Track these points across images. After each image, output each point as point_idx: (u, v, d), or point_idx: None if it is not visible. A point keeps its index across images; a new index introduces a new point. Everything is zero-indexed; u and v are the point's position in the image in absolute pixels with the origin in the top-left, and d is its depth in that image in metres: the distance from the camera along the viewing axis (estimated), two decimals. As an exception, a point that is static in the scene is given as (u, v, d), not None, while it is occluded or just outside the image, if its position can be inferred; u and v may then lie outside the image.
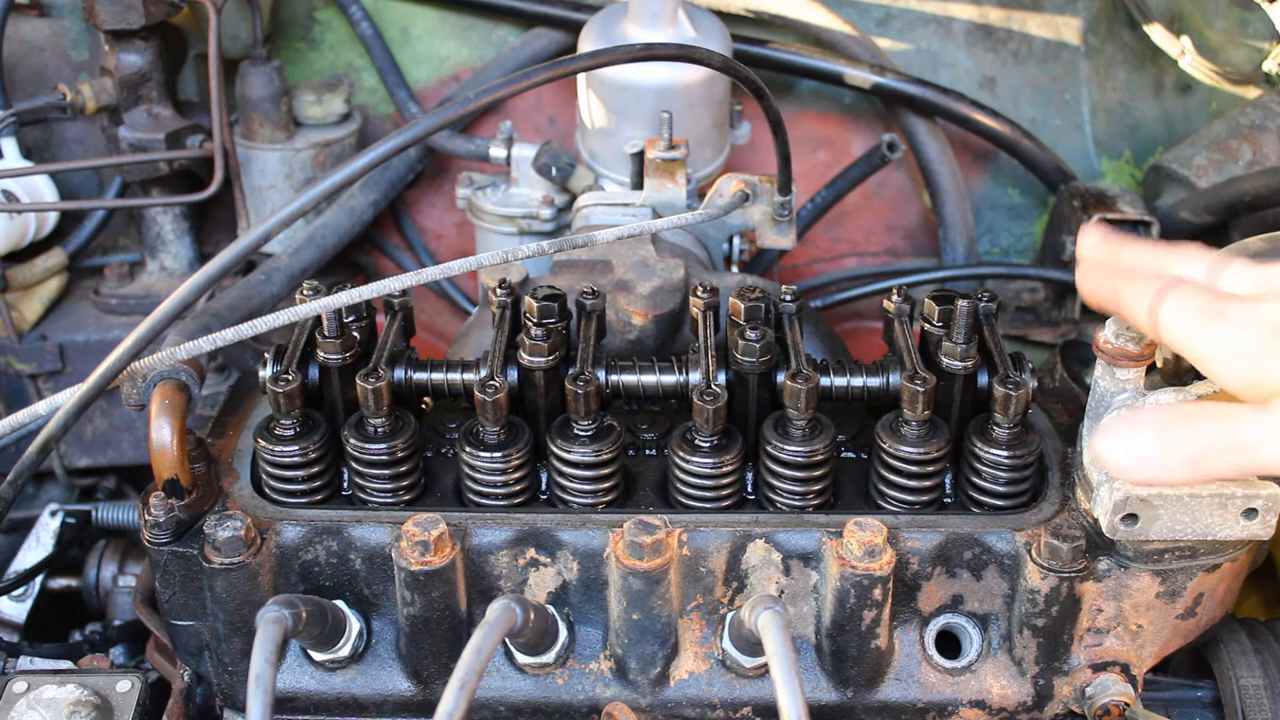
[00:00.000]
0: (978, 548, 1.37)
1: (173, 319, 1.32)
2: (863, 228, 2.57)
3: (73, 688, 1.44)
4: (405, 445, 1.42)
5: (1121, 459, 1.12)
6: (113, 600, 1.96)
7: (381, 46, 2.39)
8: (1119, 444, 1.12)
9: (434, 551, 1.30)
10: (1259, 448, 1.06)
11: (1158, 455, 1.10)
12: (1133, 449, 1.11)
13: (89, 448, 2.23)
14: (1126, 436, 1.11)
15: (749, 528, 1.36)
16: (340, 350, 1.44)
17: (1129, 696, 1.39)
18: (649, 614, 1.33)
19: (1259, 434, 1.06)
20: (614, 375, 1.48)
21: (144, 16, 2.01)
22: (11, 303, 2.14)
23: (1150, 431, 1.11)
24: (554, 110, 2.48)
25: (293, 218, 1.31)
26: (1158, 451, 1.10)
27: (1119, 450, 1.12)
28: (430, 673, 1.39)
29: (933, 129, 2.38)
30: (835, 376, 1.47)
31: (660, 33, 2.02)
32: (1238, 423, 1.08)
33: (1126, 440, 1.12)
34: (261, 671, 1.07)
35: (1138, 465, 1.11)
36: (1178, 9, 2.45)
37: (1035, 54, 2.49)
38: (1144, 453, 1.10)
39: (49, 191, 2.20)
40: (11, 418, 1.36)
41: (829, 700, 1.39)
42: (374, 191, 2.28)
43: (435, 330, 2.51)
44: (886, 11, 2.46)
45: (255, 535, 1.35)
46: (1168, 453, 1.10)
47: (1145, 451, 1.10)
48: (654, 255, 1.73)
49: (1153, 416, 1.11)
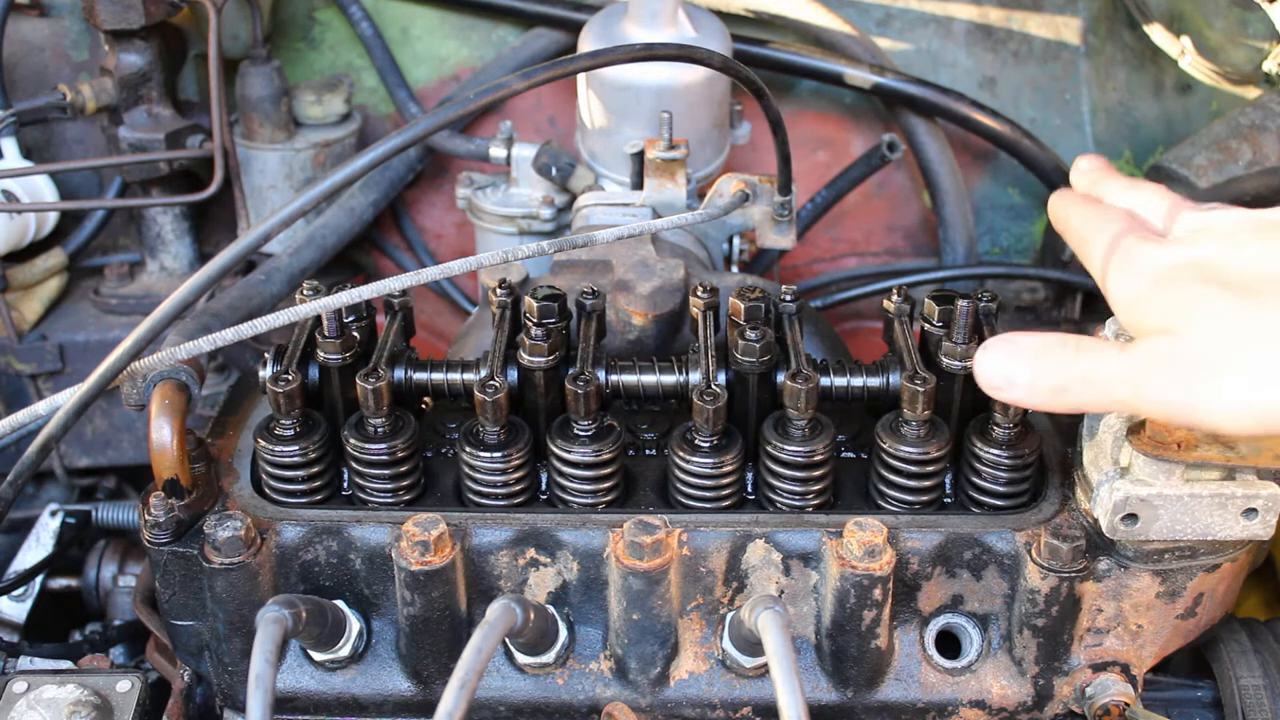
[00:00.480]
0: (978, 548, 1.37)
1: (173, 319, 1.32)
2: (863, 228, 2.57)
3: (73, 688, 1.44)
4: (405, 445, 1.42)
5: (995, 377, 1.16)
6: (113, 600, 1.96)
7: (381, 46, 2.38)
8: (996, 362, 1.16)
9: (434, 551, 1.30)
10: (1111, 385, 1.09)
11: (1027, 378, 1.14)
12: (1006, 369, 1.15)
13: (89, 448, 2.23)
14: (1006, 355, 1.15)
15: (749, 528, 1.36)
16: (340, 350, 1.44)
17: (1129, 696, 1.39)
18: (649, 614, 1.33)
19: (1113, 372, 1.10)
20: (614, 375, 1.48)
21: (144, 16, 2.01)
22: (11, 303, 2.14)
23: (1027, 356, 1.14)
24: (554, 110, 2.48)
25: (293, 218, 1.31)
26: (1028, 375, 1.14)
27: (995, 368, 1.16)
28: (430, 673, 1.39)
29: (933, 129, 2.38)
30: (835, 376, 1.47)
31: (660, 33, 2.02)
32: (1098, 358, 1.11)
33: (1005, 359, 1.15)
34: (261, 671, 1.07)
35: (1007, 385, 1.15)
36: (1178, 9, 2.45)
37: (1035, 54, 2.49)
38: (1015, 374, 1.14)
39: (49, 191, 2.20)
40: (11, 418, 1.36)
41: (829, 700, 1.39)
42: (374, 191, 2.28)
43: (435, 330, 2.51)
44: (886, 11, 2.46)
45: (255, 535, 1.35)
46: (1036, 378, 1.13)
47: (1017, 373, 1.14)
48: (654, 255, 1.73)
49: (1031, 342, 1.15)
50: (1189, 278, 1.09)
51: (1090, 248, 1.21)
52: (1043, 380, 1.14)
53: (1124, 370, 1.10)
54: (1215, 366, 1.04)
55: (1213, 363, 1.04)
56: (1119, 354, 1.10)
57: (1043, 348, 1.14)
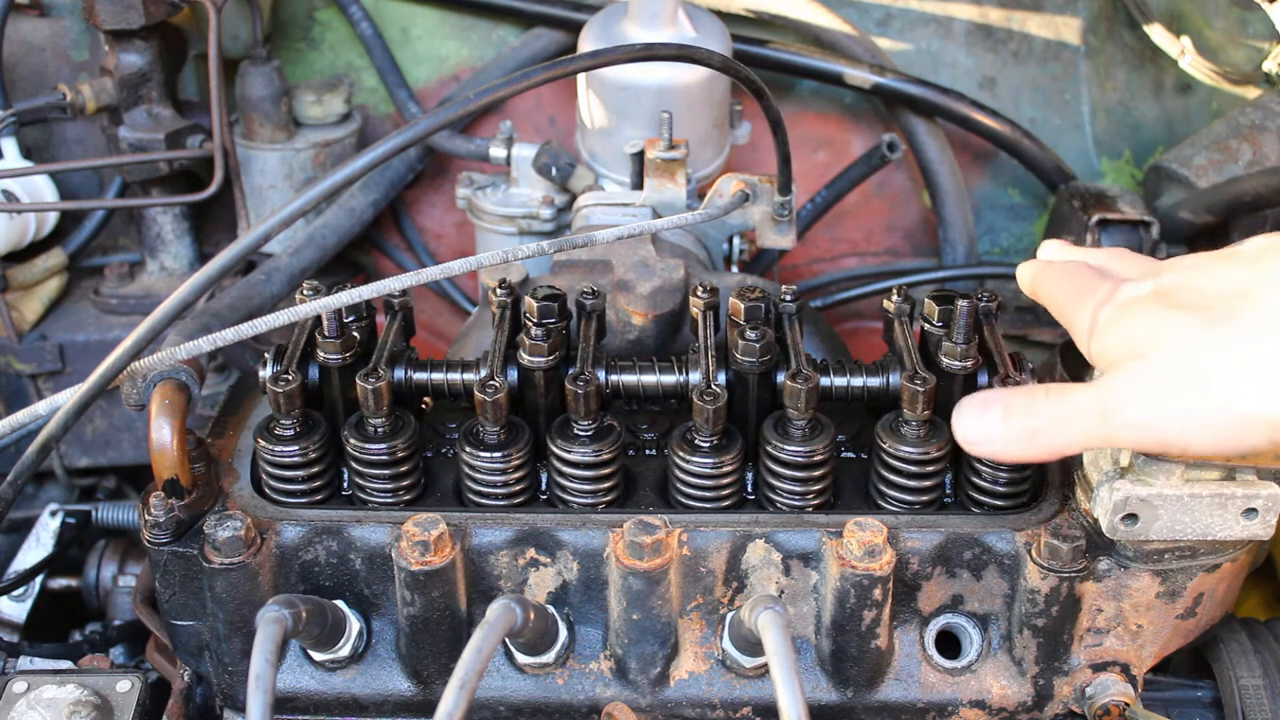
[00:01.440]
0: (978, 548, 1.37)
1: (173, 319, 1.32)
2: (863, 228, 2.57)
3: (73, 688, 1.44)
4: (405, 445, 1.42)
5: (972, 435, 1.22)
6: (113, 600, 1.96)
7: (381, 46, 2.39)
8: (970, 420, 1.22)
9: (434, 551, 1.30)
10: (1081, 419, 1.14)
11: (1000, 430, 1.19)
12: (981, 426, 1.21)
13: (89, 448, 2.23)
14: (978, 413, 1.21)
15: (749, 528, 1.36)
16: (340, 350, 1.44)
17: (1129, 696, 1.39)
18: (649, 614, 1.33)
19: (1082, 406, 1.14)
20: (614, 375, 1.48)
21: (144, 16, 2.01)
22: (11, 303, 2.14)
23: (998, 409, 1.20)
24: (554, 110, 2.48)
25: (293, 218, 1.31)
26: (1001, 427, 1.19)
27: (970, 427, 1.22)
28: (430, 673, 1.39)
29: (933, 129, 2.38)
30: (835, 376, 1.47)
31: (660, 33, 2.02)
32: (1066, 396, 1.16)
33: (977, 417, 1.21)
34: (261, 671, 1.07)
35: (984, 440, 1.21)
36: (1178, 9, 2.45)
37: (1035, 54, 2.49)
38: (990, 429, 1.20)
39: (49, 191, 2.20)
40: (11, 418, 1.36)
41: (829, 700, 1.39)
42: (374, 191, 2.28)
43: (435, 330, 2.51)
44: (886, 11, 2.46)
45: (255, 535, 1.35)
46: (1009, 428, 1.19)
47: (991, 428, 1.20)
48: (654, 255, 1.73)
49: (1001, 394, 1.21)
50: (1151, 305, 1.13)
51: (1059, 297, 1.27)
52: (1016, 429, 1.19)
53: (1091, 402, 1.14)
54: (1178, 386, 1.07)
55: (1176, 383, 1.08)
56: (1086, 389, 1.15)
57: (1011, 397, 1.20)
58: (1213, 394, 1.06)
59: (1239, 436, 1.06)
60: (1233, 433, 1.06)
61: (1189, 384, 1.07)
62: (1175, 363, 1.08)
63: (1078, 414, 1.15)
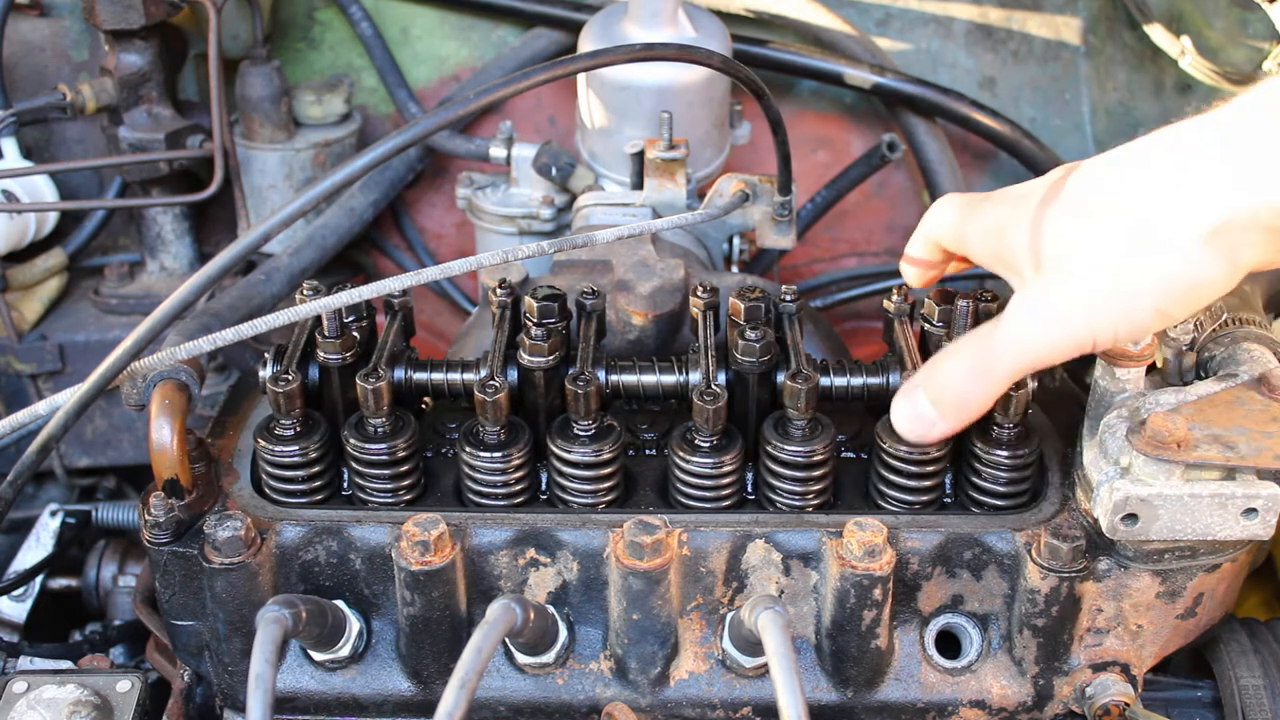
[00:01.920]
0: (978, 548, 1.37)
1: (173, 319, 1.32)
2: (863, 228, 2.57)
3: (73, 688, 1.44)
4: (405, 445, 1.42)
5: (914, 430, 1.25)
6: (113, 600, 1.96)
7: (381, 46, 2.38)
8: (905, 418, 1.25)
9: (434, 551, 1.30)
10: (990, 362, 1.18)
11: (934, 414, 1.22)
12: (918, 417, 1.24)
13: (89, 448, 2.23)
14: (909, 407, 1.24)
15: (749, 528, 1.36)
16: (340, 350, 1.44)
17: (1129, 696, 1.39)
18: (649, 614, 1.33)
19: (985, 349, 1.18)
20: (614, 375, 1.48)
21: (144, 16, 2.01)
22: (11, 303, 2.14)
23: (920, 393, 1.23)
24: (554, 110, 2.48)
25: (293, 218, 1.31)
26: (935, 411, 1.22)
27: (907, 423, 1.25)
28: (430, 673, 1.39)
29: (933, 129, 2.38)
30: (835, 376, 1.47)
31: (660, 33, 2.02)
32: (974, 342, 1.19)
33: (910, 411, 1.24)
34: (261, 671, 1.07)
35: (927, 429, 1.24)
36: (1178, 9, 2.45)
37: (1035, 54, 2.49)
38: (927, 416, 1.23)
39: (49, 191, 2.19)
40: (11, 418, 1.36)
41: (829, 700, 1.39)
42: (374, 191, 2.28)
43: (435, 330, 2.51)
44: (886, 11, 2.46)
45: (255, 535, 1.35)
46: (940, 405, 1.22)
47: (927, 414, 1.23)
48: (654, 255, 1.73)
49: (922, 380, 1.24)
50: (1052, 207, 1.18)
51: (934, 217, 1.37)
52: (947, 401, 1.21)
53: (999, 336, 1.17)
54: (1056, 283, 1.14)
55: (1053, 281, 1.14)
56: (983, 328, 1.19)
57: (930, 377, 1.22)
58: (1082, 282, 1.12)
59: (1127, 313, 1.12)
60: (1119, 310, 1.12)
61: (1064, 277, 1.13)
62: (1057, 266, 1.15)
63: (992, 354, 1.17)
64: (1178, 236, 1.08)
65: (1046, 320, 1.14)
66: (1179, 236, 1.08)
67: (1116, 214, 1.11)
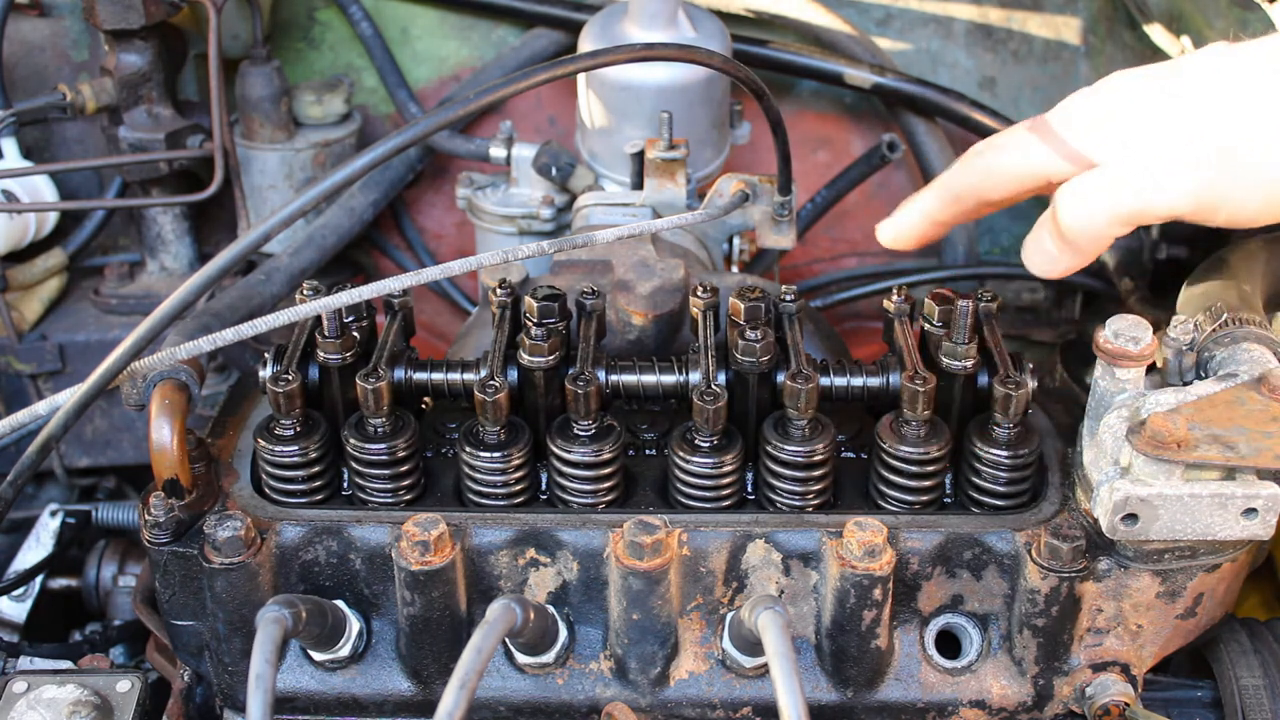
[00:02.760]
0: (978, 548, 1.37)
1: (173, 319, 1.32)
2: (863, 228, 2.56)
3: (73, 688, 1.44)
4: (405, 445, 1.42)
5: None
6: (113, 600, 1.96)
7: (381, 46, 2.38)
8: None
9: (434, 551, 1.30)
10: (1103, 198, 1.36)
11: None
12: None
13: (89, 448, 2.23)
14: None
15: (749, 528, 1.36)
16: (340, 350, 1.44)
17: (1129, 696, 1.39)
18: (649, 614, 1.33)
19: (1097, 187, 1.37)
20: (614, 375, 1.48)
21: (144, 16, 2.01)
22: (11, 303, 2.14)
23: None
24: (554, 110, 2.47)
25: (293, 218, 1.31)
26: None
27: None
28: (430, 673, 1.39)
29: (933, 129, 2.38)
30: (835, 376, 1.47)
31: (660, 33, 2.02)
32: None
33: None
34: (261, 671, 1.07)
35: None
36: (1178, 9, 2.44)
37: (1035, 54, 2.49)
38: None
39: (49, 191, 2.19)
40: (11, 418, 1.36)
41: (829, 700, 1.39)
42: (374, 191, 2.28)
43: (435, 330, 2.51)
44: (886, 11, 2.46)
45: (255, 535, 1.35)
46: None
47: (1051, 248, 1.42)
48: (654, 255, 1.73)
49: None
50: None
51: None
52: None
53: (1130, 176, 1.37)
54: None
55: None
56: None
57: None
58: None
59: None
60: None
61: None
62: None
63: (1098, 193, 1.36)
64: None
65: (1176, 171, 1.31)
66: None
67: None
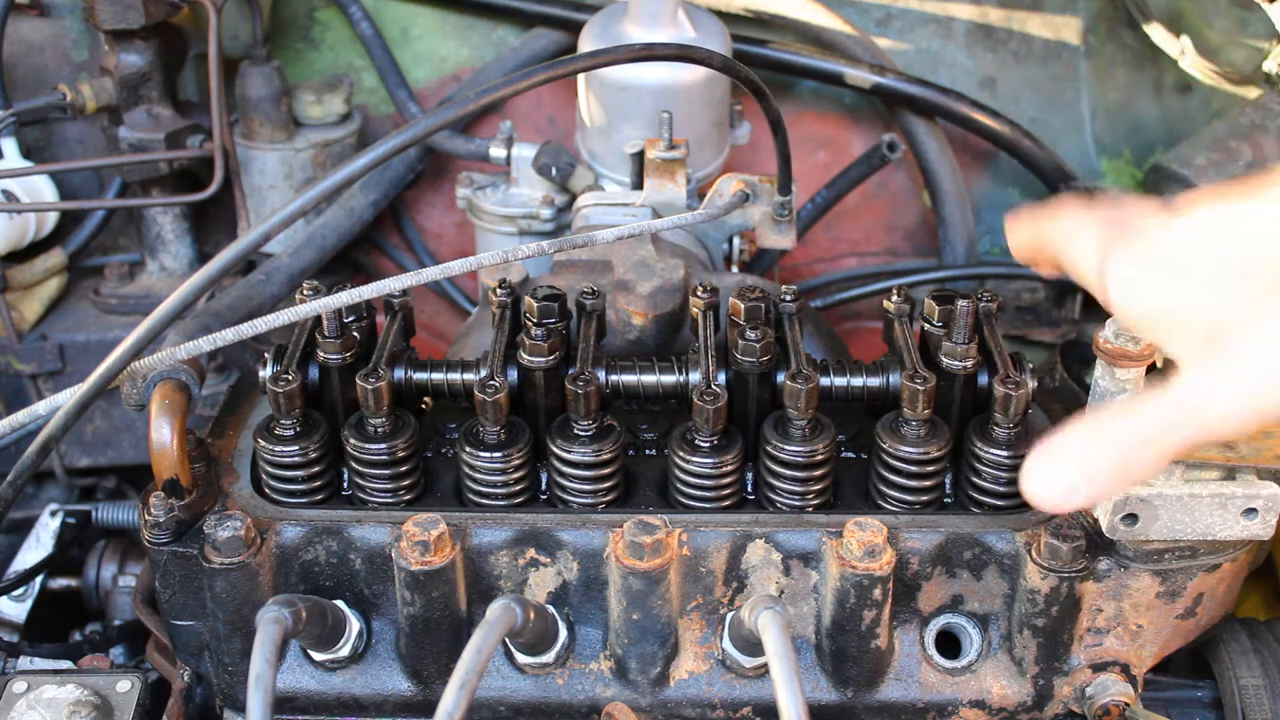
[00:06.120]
0: (978, 548, 1.37)
1: (173, 319, 1.32)
2: (863, 228, 2.57)
3: (73, 688, 1.44)
4: (405, 445, 1.42)
5: (1054, 496, 1.05)
6: (113, 600, 1.96)
7: (381, 46, 2.38)
8: (1044, 482, 1.05)
9: (434, 551, 1.30)
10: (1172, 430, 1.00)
11: (1084, 480, 1.03)
12: (1060, 483, 1.04)
13: (89, 448, 2.23)
14: (1049, 471, 1.05)
15: (749, 528, 1.36)
16: (340, 350, 1.44)
17: (1129, 696, 1.39)
18: (649, 614, 1.33)
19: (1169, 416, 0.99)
20: (614, 375, 1.48)
21: (144, 16, 2.01)
22: (11, 303, 2.14)
23: (1073, 462, 1.04)
24: (554, 110, 2.48)
25: (293, 218, 1.31)
26: (1084, 476, 1.03)
27: (1047, 489, 1.05)
28: (430, 673, 1.39)
29: (933, 129, 2.38)
30: (835, 376, 1.47)
31: (660, 33, 2.02)
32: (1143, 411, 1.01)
33: (1051, 477, 1.05)
34: (261, 671, 1.07)
35: (1069, 496, 1.04)
36: (1178, 9, 2.45)
37: (1035, 54, 2.49)
38: (1071, 482, 1.04)
39: (49, 191, 2.20)
40: (11, 418, 1.37)
41: (829, 700, 1.39)
42: (374, 191, 2.28)
43: (435, 330, 2.51)
44: (886, 11, 2.46)
45: (255, 535, 1.35)
46: (1093, 474, 1.03)
47: (1072, 481, 1.04)
48: (654, 255, 1.73)
49: (1072, 444, 1.04)
50: (1212, 267, 0.98)
51: (1076, 245, 1.10)
52: (1101, 472, 1.03)
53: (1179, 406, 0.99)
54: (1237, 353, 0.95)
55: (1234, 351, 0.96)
56: (1162, 395, 1.00)
57: (1084, 443, 1.04)
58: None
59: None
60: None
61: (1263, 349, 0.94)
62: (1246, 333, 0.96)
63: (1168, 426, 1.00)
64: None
65: (1231, 393, 0.98)
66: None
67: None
